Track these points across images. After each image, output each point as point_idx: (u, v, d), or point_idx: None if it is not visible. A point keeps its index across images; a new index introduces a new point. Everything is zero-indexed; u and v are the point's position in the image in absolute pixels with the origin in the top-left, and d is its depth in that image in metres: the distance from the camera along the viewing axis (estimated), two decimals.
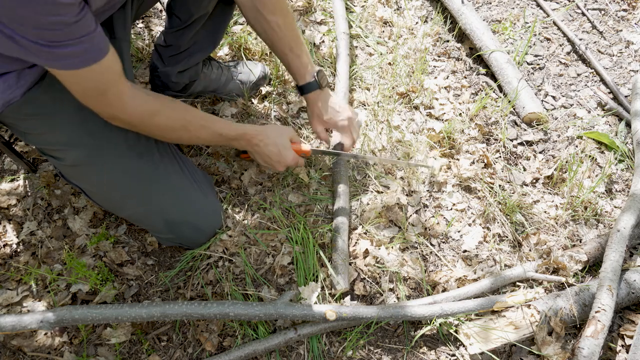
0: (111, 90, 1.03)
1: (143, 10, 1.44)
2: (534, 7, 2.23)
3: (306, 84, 1.42)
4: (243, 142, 1.33)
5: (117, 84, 1.03)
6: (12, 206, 1.52)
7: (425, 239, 1.51)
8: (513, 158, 1.74)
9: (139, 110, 1.10)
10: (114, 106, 1.07)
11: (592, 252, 1.44)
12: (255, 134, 1.33)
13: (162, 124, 1.16)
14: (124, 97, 1.06)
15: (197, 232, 1.40)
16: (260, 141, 1.33)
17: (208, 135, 1.26)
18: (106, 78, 0.99)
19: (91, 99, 1.04)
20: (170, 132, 1.20)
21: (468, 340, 1.31)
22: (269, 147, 1.34)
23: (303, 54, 1.39)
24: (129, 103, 1.07)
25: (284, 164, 1.38)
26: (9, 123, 1.18)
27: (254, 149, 1.36)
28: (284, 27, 1.34)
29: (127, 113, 1.09)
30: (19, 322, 1.15)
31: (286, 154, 1.37)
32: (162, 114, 1.15)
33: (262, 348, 1.27)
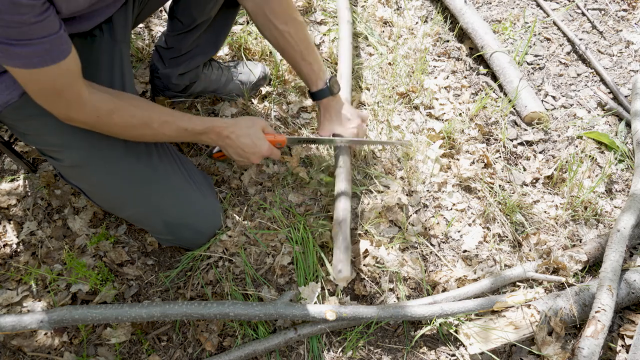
0: (68, 91, 1.00)
1: (145, 15, 1.44)
2: (534, 7, 2.23)
3: (318, 90, 1.42)
4: (212, 135, 1.27)
5: (74, 85, 1.00)
6: (12, 206, 1.52)
7: (425, 239, 1.51)
8: (513, 158, 1.74)
9: (96, 109, 1.07)
10: (71, 107, 1.04)
11: (592, 252, 1.44)
12: (224, 126, 1.27)
13: (120, 122, 1.12)
14: (81, 97, 1.03)
15: (197, 234, 1.39)
16: (231, 133, 1.27)
17: (172, 132, 1.21)
18: (64, 79, 0.97)
19: (46, 99, 1.01)
20: (130, 130, 1.16)
21: (468, 340, 1.31)
22: (241, 139, 1.28)
23: (315, 61, 1.39)
24: (86, 103, 1.04)
25: (259, 155, 1.32)
26: (9, 123, 1.18)
27: (225, 142, 1.29)
28: (296, 36, 1.34)
29: (83, 113, 1.06)
30: (19, 322, 1.15)
31: (260, 145, 1.31)
32: (121, 111, 1.11)
33: (262, 348, 1.27)
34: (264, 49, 1.88)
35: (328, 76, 1.43)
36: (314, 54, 1.40)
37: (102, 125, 1.12)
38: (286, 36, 1.33)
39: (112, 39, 1.22)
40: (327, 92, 1.42)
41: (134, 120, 1.13)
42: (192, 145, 1.66)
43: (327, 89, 1.41)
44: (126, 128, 1.14)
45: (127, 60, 1.28)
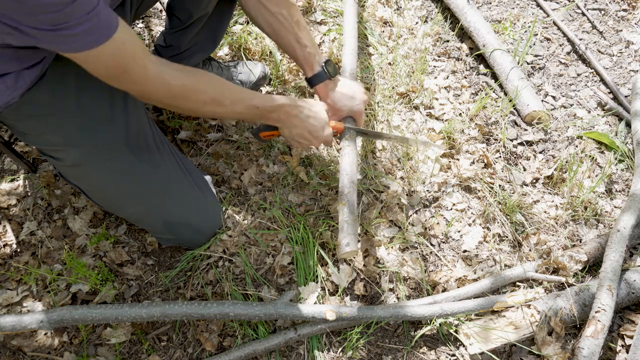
0: (133, 66, 0.98)
1: (143, 10, 1.44)
2: (534, 7, 2.23)
3: (315, 75, 1.36)
4: (282, 114, 1.26)
5: (137, 58, 0.98)
6: (12, 206, 1.52)
7: (425, 239, 1.51)
8: (513, 158, 1.74)
9: (168, 86, 1.06)
10: (140, 83, 1.02)
11: (592, 252, 1.44)
12: (294, 105, 1.26)
13: (194, 99, 1.12)
14: (148, 72, 1.01)
15: (197, 233, 1.39)
16: (300, 112, 1.26)
17: (243, 109, 1.20)
18: (124, 53, 0.95)
19: (115, 78, 1.00)
20: (203, 107, 1.16)
21: (468, 340, 1.31)
22: (310, 120, 1.27)
23: (310, 44, 1.34)
24: (155, 78, 1.03)
25: (322, 140, 1.31)
26: (9, 123, 1.18)
27: (291, 122, 1.27)
28: (289, 17, 1.30)
29: (155, 90, 1.05)
30: (19, 322, 1.15)
31: (326, 129, 1.30)
32: (193, 88, 1.10)
33: (262, 348, 1.27)
34: (264, 49, 1.88)
35: (324, 59, 1.37)
36: (309, 36, 1.35)
37: (176, 102, 1.11)
38: (279, 18, 1.30)
39: None
40: (323, 75, 1.36)
41: (206, 97, 1.13)
42: (192, 145, 1.67)
43: (324, 72, 1.36)
44: (199, 105, 1.14)
45: None
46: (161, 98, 1.09)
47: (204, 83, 1.13)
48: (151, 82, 1.04)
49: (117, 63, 0.96)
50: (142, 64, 1.00)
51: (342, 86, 1.38)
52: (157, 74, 1.04)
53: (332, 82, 1.38)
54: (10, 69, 1.03)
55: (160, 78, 1.04)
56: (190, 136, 1.67)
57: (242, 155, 1.64)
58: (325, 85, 1.38)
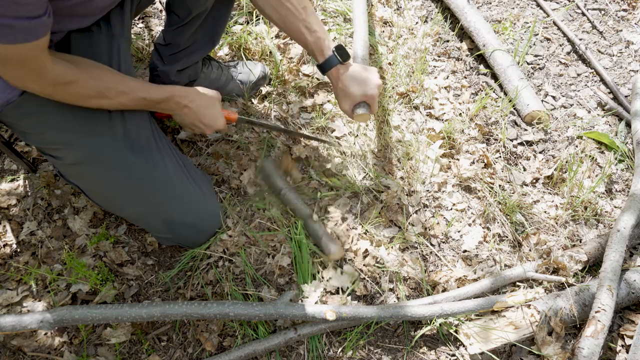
0: (32, 63, 0.99)
1: (141, 8, 1.44)
2: (534, 7, 2.23)
3: (326, 60, 1.32)
4: (172, 104, 1.28)
5: (39, 57, 0.99)
6: (12, 206, 1.52)
7: (425, 239, 1.51)
8: (513, 158, 1.74)
9: (54, 80, 1.06)
10: (30, 77, 1.02)
11: (592, 252, 1.44)
12: (184, 95, 1.28)
13: (76, 93, 1.11)
14: (44, 69, 1.01)
15: (197, 233, 1.39)
16: (191, 102, 1.29)
17: (130, 101, 1.20)
18: (31, 53, 0.96)
19: (4, 67, 1.00)
20: (86, 100, 1.15)
21: (468, 340, 1.31)
22: (201, 109, 1.31)
23: (320, 29, 1.32)
24: (47, 74, 1.03)
25: (214, 128, 1.35)
26: (9, 122, 1.18)
27: (183, 112, 1.30)
28: (297, 3, 1.28)
29: (41, 83, 1.05)
30: (19, 322, 1.15)
31: (217, 118, 1.34)
32: (79, 83, 1.10)
33: (262, 348, 1.27)
34: (264, 49, 1.88)
35: (335, 43, 1.35)
36: (318, 21, 1.33)
37: (57, 95, 1.11)
38: (287, 4, 1.28)
39: (109, 34, 1.22)
40: (335, 59, 1.31)
41: (90, 91, 1.13)
42: (192, 145, 1.66)
43: (335, 56, 1.32)
44: (81, 98, 1.14)
45: (126, 54, 1.27)
46: (46, 90, 1.08)
47: (89, 77, 1.12)
48: (41, 78, 1.03)
49: (18, 59, 0.96)
50: (42, 62, 1.00)
51: (355, 71, 1.34)
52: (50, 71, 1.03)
53: (344, 67, 1.34)
54: None
55: (52, 75, 1.04)
56: (190, 136, 1.67)
57: (242, 155, 1.64)
58: (337, 70, 1.33)
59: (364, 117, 1.32)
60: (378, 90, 1.33)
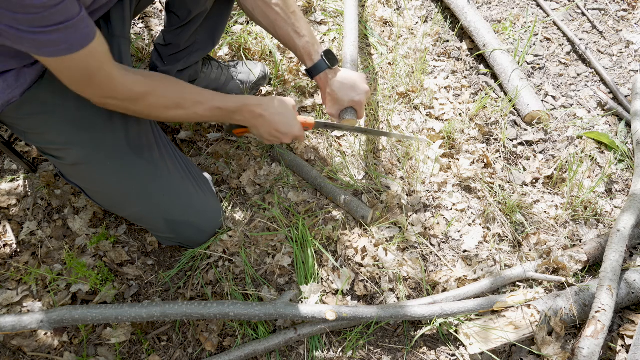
0: (99, 74, 1.00)
1: (141, 8, 1.44)
2: (534, 7, 2.23)
3: (314, 65, 1.34)
4: (246, 114, 1.26)
5: (104, 67, 1.00)
6: (12, 206, 1.52)
7: (425, 239, 1.51)
8: (513, 158, 1.74)
9: (129, 91, 1.07)
10: (104, 89, 1.04)
11: (592, 252, 1.44)
12: (258, 104, 1.26)
13: (154, 104, 1.13)
14: (113, 79, 1.03)
15: (198, 232, 1.39)
16: (264, 111, 1.26)
17: (205, 111, 1.21)
18: (93, 63, 0.97)
19: (79, 84, 1.02)
20: (164, 111, 1.17)
21: (468, 340, 1.31)
22: (275, 117, 1.27)
23: (309, 34, 1.33)
24: (118, 85, 1.04)
25: (291, 135, 1.31)
26: (9, 122, 1.18)
27: (258, 122, 1.28)
28: (286, 8, 1.30)
29: (117, 96, 1.06)
30: (19, 322, 1.15)
31: (293, 124, 1.30)
32: (154, 93, 1.11)
33: (262, 348, 1.27)
34: (264, 49, 1.88)
35: (323, 48, 1.36)
36: (307, 26, 1.34)
37: (137, 107, 1.12)
38: (276, 9, 1.29)
39: (110, 34, 1.22)
40: (323, 64, 1.33)
41: (167, 101, 1.14)
42: (192, 145, 1.67)
43: (323, 61, 1.34)
44: (160, 109, 1.15)
45: (126, 54, 1.27)
46: (123, 104, 1.10)
47: (164, 87, 1.14)
48: (114, 89, 1.05)
49: (84, 71, 0.97)
50: (108, 72, 1.01)
51: (343, 76, 1.36)
52: (121, 81, 1.04)
53: (333, 72, 1.36)
54: (10, 66, 1.03)
55: (123, 86, 1.05)
56: (190, 136, 1.67)
57: (241, 155, 1.64)
58: (325, 75, 1.35)
59: (351, 123, 1.34)
60: (366, 97, 1.36)
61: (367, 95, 1.37)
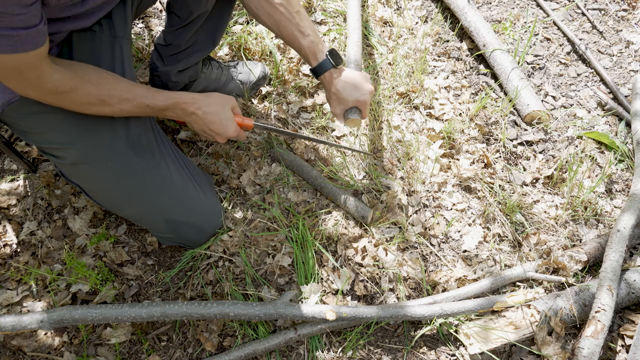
0: (30, 72, 0.98)
1: (143, 8, 1.44)
2: (534, 7, 2.23)
3: (319, 64, 1.33)
4: (178, 111, 1.24)
5: (38, 67, 0.99)
6: (12, 206, 1.52)
7: (425, 239, 1.51)
8: (513, 158, 1.74)
9: (54, 88, 1.05)
10: (29, 85, 1.02)
11: (592, 252, 1.44)
12: (191, 102, 1.24)
13: (77, 100, 1.11)
14: (43, 77, 1.01)
15: (198, 232, 1.39)
16: (197, 109, 1.24)
17: (132, 108, 1.18)
18: (29, 63, 0.96)
19: (6, 78, 0.99)
20: (86, 107, 1.14)
21: (468, 340, 1.31)
22: (209, 117, 1.26)
23: (313, 33, 1.33)
24: (46, 83, 1.03)
25: (225, 136, 1.30)
26: (9, 122, 1.18)
27: (191, 119, 1.27)
28: (290, 7, 1.29)
29: (41, 91, 1.05)
30: (19, 322, 1.15)
31: (228, 125, 1.28)
32: (78, 90, 1.09)
33: (262, 348, 1.27)
34: (264, 49, 1.88)
35: (328, 48, 1.36)
36: (311, 25, 1.33)
37: (58, 102, 1.10)
38: (280, 9, 1.29)
39: (111, 34, 1.22)
40: (328, 63, 1.33)
41: (91, 98, 1.12)
42: (192, 145, 1.67)
43: (329, 61, 1.33)
44: (82, 105, 1.13)
45: (128, 54, 1.27)
46: (45, 98, 1.07)
47: (88, 84, 1.11)
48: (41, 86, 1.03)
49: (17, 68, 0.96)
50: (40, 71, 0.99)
51: (348, 76, 1.36)
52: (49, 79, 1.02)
53: (337, 72, 1.36)
54: None
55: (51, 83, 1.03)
56: (190, 136, 1.67)
57: (241, 155, 1.64)
58: (330, 74, 1.35)
59: (355, 122, 1.35)
60: (370, 96, 1.36)
61: (371, 94, 1.37)
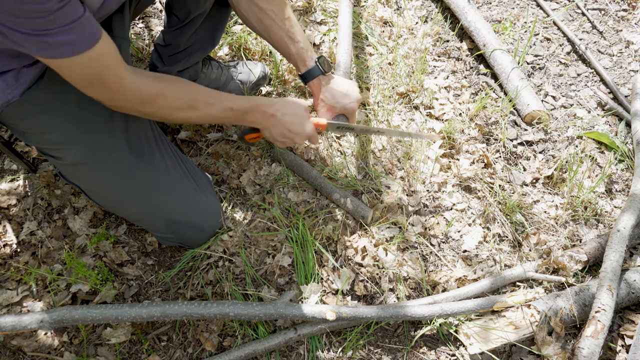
0: (109, 76, 1.00)
1: (141, 9, 1.44)
2: (534, 7, 2.23)
3: (308, 70, 1.35)
4: (258, 114, 1.25)
5: (114, 68, 1.00)
6: (12, 206, 1.52)
7: (425, 239, 1.51)
8: (513, 158, 1.74)
9: (141, 94, 1.07)
10: (114, 92, 1.04)
11: (592, 252, 1.44)
12: (270, 105, 1.25)
13: (166, 106, 1.12)
14: (124, 82, 1.03)
15: (198, 232, 1.39)
16: (277, 111, 1.25)
17: (217, 112, 1.20)
18: (102, 64, 0.97)
19: (90, 87, 1.01)
20: (176, 113, 1.16)
21: (468, 340, 1.31)
22: (287, 118, 1.25)
23: (303, 40, 1.34)
24: (129, 88, 1.04)
25: (304, 136, 1.29)
26: (9, 123, 1.18)
27: (270, 122, 1.26)
28: (280, 13, 1.30)
29: (128, 98, 1.06)
30: (19, 322, 1.15)
31: (306, 125, 1.28)
32: (165, 95, 1.11)
33: (262, 348, 1.27)
34: (264, 49, 1.88)
35: (317, 55, 1.37)
36: (301, 32, 1.34)
37: (148, 110, 1.12)
38: (270, 15, 1.29)
39: (110, 35, 1.22)
40: (317, 70, 1.34)
41: (179, 103, 1.14)
42: (192, 145, 1.67)
43: (318, 67, 1.34)
44: (171, 111, 1.15)
45: (126, 54, 1.27)
46: (134, 106, 1.10)
47: (176, 89, 1.13)
48: (125, 92, 1.05)
49: (93, 72, 0.97)
50: (118, 73, 1.01)
51: (336, 83, 1.38)
52: (132, 83, 1.04)
53: (326, 79, 1.37)
54: (10, 66, 1.03)
55: (134, 87, 1.05)
56: (190, 136, 1.67)
57: (241, 155, 1.64)
58: (318, 81, 1.36)
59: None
60: (358, 104, 1.37)
61: (359, 102, 1.38)
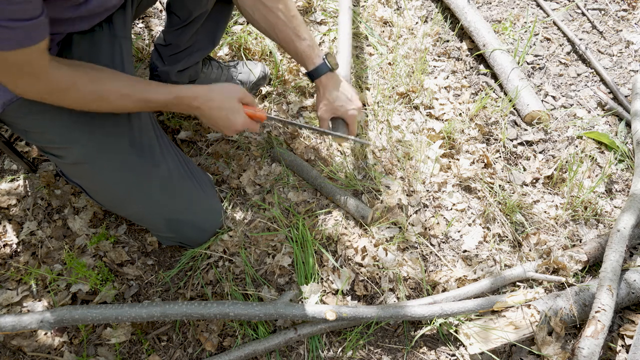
0: (31, 68, 0.96)
1: (143, 9, 1.44)
2: (534, 7, 2.23)
3: (316, 67, 1.33)
4: (182, 106, 1.20)
5: (39, 62, 0.96)
6: (12, 206, 1.52)
7: (425, 239, 1.51)
8: (513, 158, 1.74)
9: (52, 85, 1.03)
10: (27, 82, 1.00)
11: (592, 252, 1.44)
12: (194, 97, 1.18)
13: (75, 97, 1.08)
14: (43, 74, 0.99)
15: (198, 232, 1.40)
16: (201, 104, 1.19)
17: (133, 104, 1.14)
18: (31, 58, 0.93)
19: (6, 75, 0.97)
20: (85, 104, 1.11)
21: (468, 340, 1.31)
22: (214, 112, 1.20)
23: (309, 37, 1.33)
24: (44, 79, 1.00)
25: (233, 130, 1.24)
26: (10, 122, 1.18)
27: (197, 113, 1.22)
28: (286, 11, 1.29)
29: (38, 88, 1.02)
30: (19, 322, 1.15)
31: (235, 119, 1.22)
32: (78, 87, 1.06)
33: (262, 348, 1.27)
34: (264, 49, 1.88)
35: (324, 52, 1.36)
36: (307, 29, 1.33)
37: (57, 101, 1.08)
38: (277, 12, 1.28)
39: (111, 34, 1.22)
40: (325, 67, 1.33)
41: (90, 95, 1.09)
42: (192, 145, 1.67)
43: (326, 64, 1.33)
44: (80, 102, 1.11)
45: (127, 53, 1.26)
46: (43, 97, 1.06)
47: (86, 81, 1.08)
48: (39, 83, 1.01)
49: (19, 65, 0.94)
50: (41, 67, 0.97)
51: (344, 87, 1.37)
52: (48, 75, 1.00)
53: (334, 80, 1.36)
54: None
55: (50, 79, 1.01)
56: (190, 136, 1.67)
57: (241, 155, 1.64)
58: (326, 78, 1.35)
59: (342, 139, 1.35)
60: (358, 113, 1.36)
61: (359, 111, 1.37)
